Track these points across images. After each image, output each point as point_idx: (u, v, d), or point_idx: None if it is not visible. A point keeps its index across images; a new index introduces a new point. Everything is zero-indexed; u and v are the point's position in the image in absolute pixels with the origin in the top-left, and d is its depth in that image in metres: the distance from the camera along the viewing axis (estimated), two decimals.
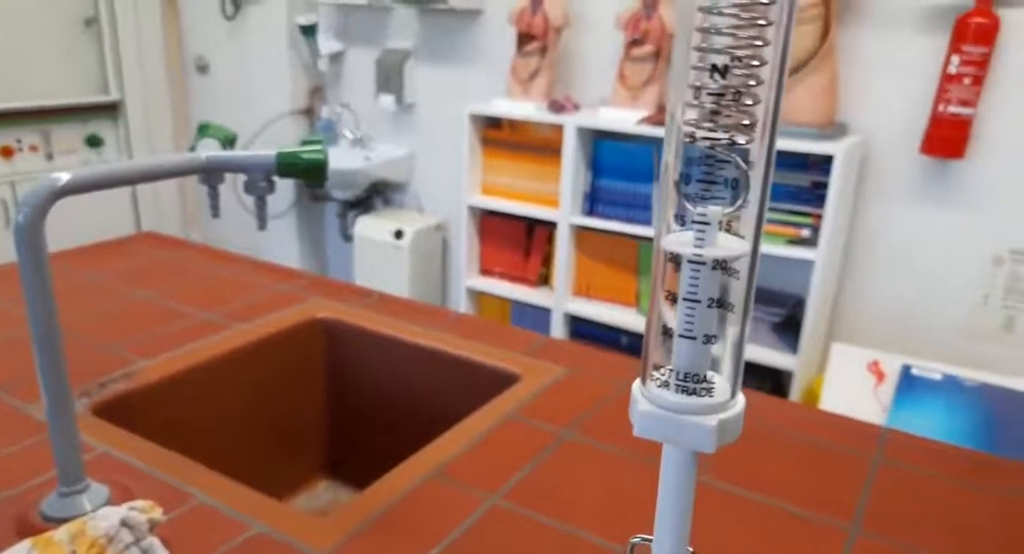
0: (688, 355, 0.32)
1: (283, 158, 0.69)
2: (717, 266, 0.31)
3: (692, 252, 0.31)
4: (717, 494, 0.72)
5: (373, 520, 0.67)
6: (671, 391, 0.33)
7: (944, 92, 1.84)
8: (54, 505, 0.65)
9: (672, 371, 0.33)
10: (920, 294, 2.04)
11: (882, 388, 1.80)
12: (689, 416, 0.32)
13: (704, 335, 0.32)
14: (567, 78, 2.44)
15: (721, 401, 0.33)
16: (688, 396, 0.32)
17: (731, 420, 0.33)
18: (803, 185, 1.96)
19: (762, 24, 0.28)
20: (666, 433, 0.33)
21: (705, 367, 0.32)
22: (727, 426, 0.32)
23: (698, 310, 0.31)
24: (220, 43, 3.09)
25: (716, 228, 0.31)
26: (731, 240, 0.31)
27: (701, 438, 0.32)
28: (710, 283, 0.31)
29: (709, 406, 0.32)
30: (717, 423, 0.32)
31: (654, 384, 0.33)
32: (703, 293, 0.31)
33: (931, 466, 0.78)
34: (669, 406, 0.33)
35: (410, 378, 1.07)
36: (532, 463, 0.76)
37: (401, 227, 2.68)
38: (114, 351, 0.97)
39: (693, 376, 0.32)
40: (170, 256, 1.35)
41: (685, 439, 0.33)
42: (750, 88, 0.29)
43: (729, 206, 0.30)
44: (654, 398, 0.33)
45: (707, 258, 0.31)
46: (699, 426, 0.32)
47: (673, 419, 0.33)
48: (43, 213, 0.58)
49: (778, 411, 0.88)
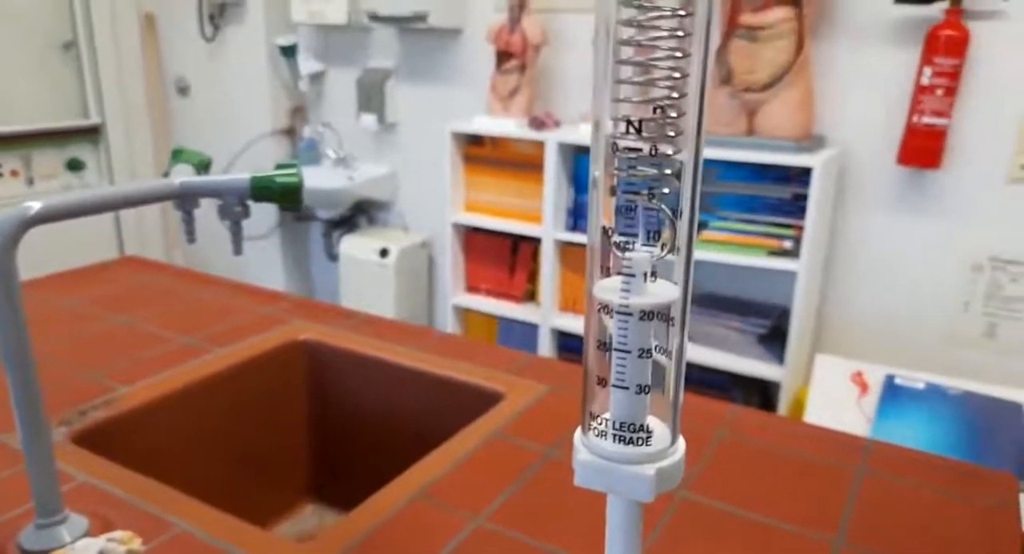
0: (623, 405, 0.32)
1: (257, 182, 0.69)
2: (646, 317, 0.30)
3: (619, 301, 0.30)
4: (701, 510, 0.72)
5: (358, 544, 0.66)
6: (609, 440, 0.32)
7: (918, 103, 1.87)
8: (31, 537, 0.64)
9: (609, 420, 0.32)
10: (901, 303, 2.06)
11: (866, 399, 1.81)
12: (627, 466, 0.32)
13: (637, 385, 0.31)
14: (547, 95, 2.46)
15: (660, 449, 0.32)
16: (626, 445, 0.32)
17: (670, 468, 0.32)
18: (784, 197, 1.98)
19: (679, 36, 0.27)
20: (606, 483, 0.33)
21: (641, 416, 0.32)
22: (666, 474, 0.32)
23: (629, 360, 0.31)
24: (200, 65, 3.08)
25: (643, 277, 0.30)
26: (662, 286, 0.31)
27: (639, 487, 0.32)
28: (640, 334, 0.31)
29: (647, 454, 0.32)
30: (655, 472, 0.31)
31: (593, 433, 0.33)
32: (633, 344, 0.31)
33: (915, 477, 0.78)
34: (607, 455, 0.32)
35: (394, 399, 1.06)
36: (516, 483, 0.76)
37: (386, 245, 2.67)
38: (94, 378, 0.96)
39: (629, 425, 0.32)
40: (151, 280, 1.34)
41: (624, 488, 0.32)
42: (674, 101, 0.28)
43: (657, 253, 0.30)
44: (593, 447, 0.33)
45: (634, 308, 0.30)
46: (637, 475, 0.32)
47: (612, 468, 0.32)
48: (13, 243, 0.57)
49: (762, 425, 0.89)
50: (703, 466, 0.79)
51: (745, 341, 2.11)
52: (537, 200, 2.32)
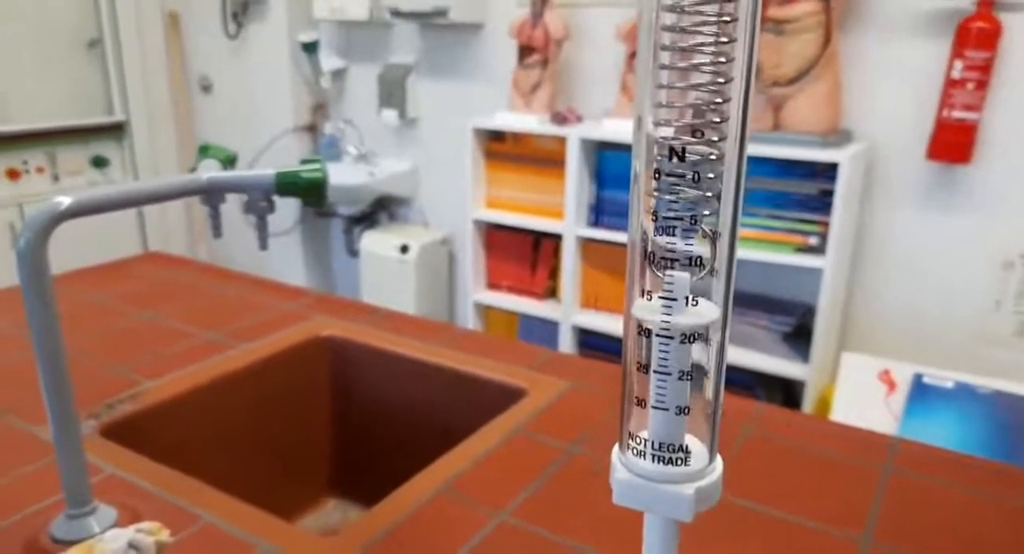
0: (662, 426, 0.32)
1: (282, 177, 0.70)
2: (686, 339, 0.30)
3: (660, 323, 0.30)
4: (726, 507, 0.71)
5: (380, 538, 0.67)
6: (647, 460, 0.32)
7: (948, 97, 1.84)
8: (62, 527, 0.64)
9: (648, 440, 0.32)
10: (930, 301, 2.03)
11: (893, 397, 1.78)
12: (666, 485, 0.32)
13: (676, 407, 0.31)
14: (569, 90, 2.45)
15: (698, 469, 0.32)
16: (664, 465, 0.32)
17: (708, 487, 0.32)
18: (810, 193, 1.96)
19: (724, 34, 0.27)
20: (644, 501, 0.33)
21: (680, 437, 0.32)
22: (704, 493, 0.32)
23: (669, 383, 0.31)
24: (223, 62, 3.11)
25: (683, 298, 0.30)
26: (702, 307, 0.31)
27: (678, 507, 0.32)
28: (680, 356, 0.31)
29: (686, 474, 0.32)
30: (694, 492, 0.32)
31: (631, 452, 0.33)
32: (673, 366, 0.31)
33: (943, 475, 0.77)
34: (646, 474, 0.32)
35: (416, 394, 1.07)
36: (539, 479, 0.75)
37: (407, 242, 2.68)
38: (120, 372, 0.97)
39: (668, 446, 0.32)
40: (175, 276, 1.35)
41: (662, 507, 0.32)
42: (720, 87, 0.28)
43: (697, 273, 0.30)
44: (631, 466, 0.33)
45: (675, 331, 0.30)
46: (676, 495, 0.32)
47: (650, 488, 0.32)
48: (45, 237, 0.58)
49: (788, 423, 0.88)
50: (727, 464, 0.78)
51: (770, 339, 2.09)
52: (559, 196, 2.31)
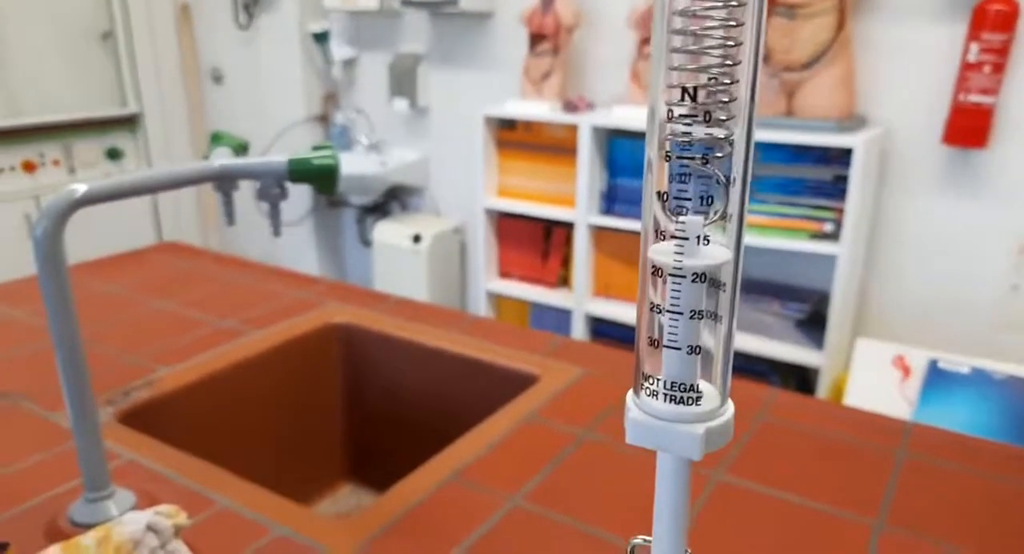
0: (675, 365, 0.33)
1: (295, 164, 0.70)
2: (698, 279, 0.32)
3: (672, 263, 0.32)
4: (742, 492, 0.71)
5: (394, 523, 0.67)
6: (660, 400, 0.34)
7: (964, 81, 1.81)
8: (81, 511, 0.65)
9: (661, 381, 0.33)
10: (946, 286, 2.01)
11: (908, 383, 1.77)
12: (678, 424, 0.33)
13: (688, 346, 0.33)
14: (580, 77, 2.43)
15: (709, 409, 0.33)
16: (676, 405, 0.33)
17: (719, 428, 0.33)
18: (825, 179, 1.94)
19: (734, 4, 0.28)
20: (656, 441, 0.34)
21: (692, 377, 0.33)
22: (714, 434, 0.33)
23: (681, 322, 0.32)
24: (234, 53, 3.12)
25: (696, 239, 0.32)
26: (714, 249, 0.32)
27: (689, 445, 0.33)
28: (692, 295, 0.32)
29: (697, 414, 0.33)
30: (704, 431, 0.33)
31: (645, 393, 0.34)
32: (685, 305, 0.32)
33: (958, 460, 0.76)
34: (659, 414, 0.34)
35: (428, 381, 1.07)
36: (551, 464, 0.76)
37: (419, 231, 2.69)
38: (137, 360, 0.98)
39: (680, 385, 0.33)
40: (188, 265, 1.36)
41: (674, 446, 0.34)
42: (727, 69, 0.29)
43: (709, 217, 0.31)
44: (645, 407, 0.34)
45: (686, 270, 0.32)
46: (687, 434, 0.33)
47: (663, 427, 0.33)
48: (61, 225, 0.59)
49: (801, 408, 0.87)
50: (741, 448, 0.78)
51: (784, 326, 2.08)
52: (570, 184, 2.30)
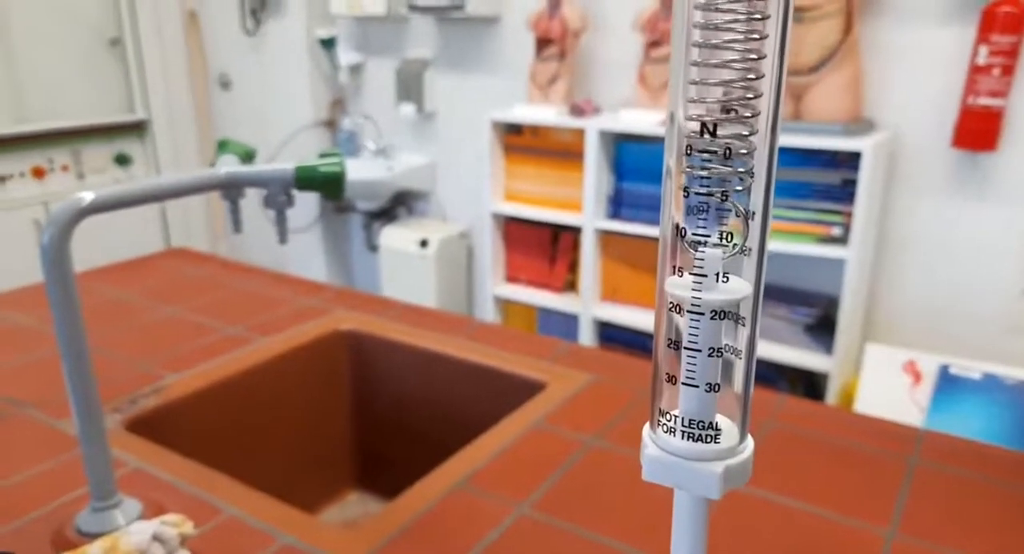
0: (693, 402, 0.32)
1: (301, 172, 0.70)
2: (717, 316, 0.31)
3: (692, 299, 0.31)
4: (751, 500, 0.70)
5: (401, 532, 0.67)
6: (678, 437, 0.33)
7: (973, 83, 1.80)
8: (88, 520, 0.65)
9: (678, 418, 0.33)
10: (955, 291, 2.00)
11: (919, 389, 1.76)
12: (696, 462, 0.32)
13: (707, 384, 0.32)
14: (587, 81, 2.43)
15: (729, 446, 0.32)
16: (694, 442, 0.32)
17: (738, 466, 0.32)
18: (833, 183, 1.93)
19: (757, 19, 0.27)
20: (674, 478, 0.33)
21: (711, 414, 0.32)
22: (734, 472, 0.32)
23: (699, 359, 0.31)
24: (242, 59, 3.13)
25: (715, 276, 0.31)
26: (734, 283, 0.31)
27: (707, 484, 0.32)
28: (711, 333, 0.31)
29: (716, 452, 0.32)
30: (723, 470, 0.32)
31: (662, 429, 0.33)
32: (704, 343, 0.31)
33: (970, 468, 0.75)
34: (676, 451, 0.33)
35: (435, 388, 1.07)
36: (559, 472, 0.75)
37: (426, 236, 2.69)
38: (144, 367, 0.99)
39: (698, 423, 0.32)
40: (196, 272, 1.36)
41: (692, 484, 0.33)
42: (748, 98, 0.28)
43: (728, 251, 0.30)
44: (662, 443, 0.33)
45: (705, 307, 0.31)
46: (705, 472, 0.32)
47: (680, 465, 0.33)
48: (68, 233, 0.59)
49: (811, 415, 0.87)
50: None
51: (792, 331, 2.07)
52: (577, 189, 2.30)
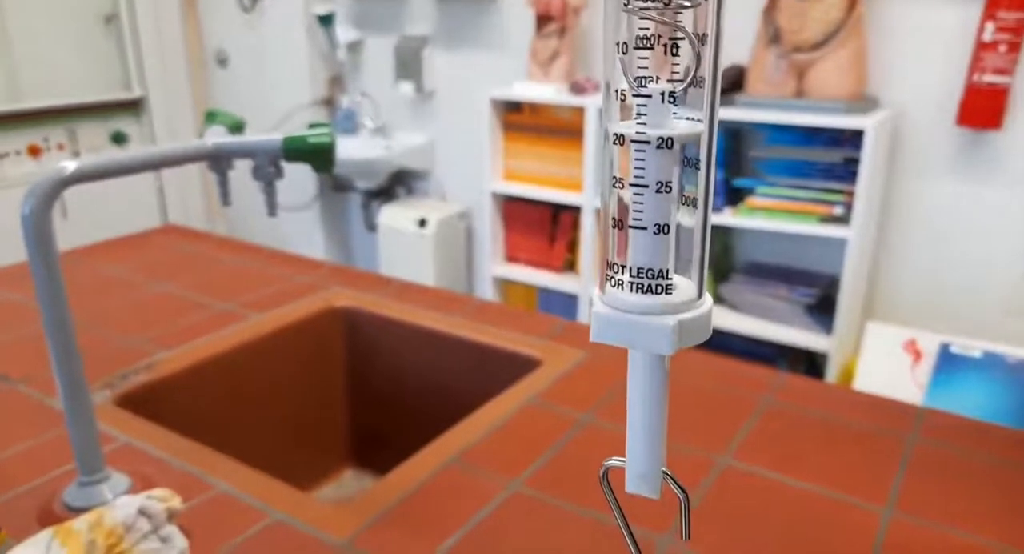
0: (642, 249, 0.29)
1: (289, 142, 0.68)
2: (663, 144, 0.28)
3: (635, 129, 0.28)
4: (749, 477, 0.70)
5: (393, 507, 0.66)
6: (627, 291, 0.30)
7: (979, 61, 1.77)
8: (75, 495, 0.65)
9: (627, 268, 0.30)
10: (958, 270, 1.98)
11: (919, 367, 1.75)
12: (647, 317, 0.29)
13: (656, 225, 0.29)
14: (587, 59, 2.40)
15: (683, 300, 0.30)
16: (645, 295, 0.30)
17: (694, 320, 0.29)
18: (835, 161, 1.91)
19: None
20: (624, 336, 0.30)
21: (662, 262, 0.29)
22: (689, 327, 0.29)
23: (647, 196, 0.29)
24: (239, 36, 3.09)
25: (662, 107, 0.28)
26: (684, 122, 0.29)
27: (659, 339, 0.29)
28: (658, 165, 0.29)
29: (669, 305, 0.29)
30: (676, 323, 0.29)
31: (610, 284, 0.31)
32: (650, 177, 0.29)
33: (970, 446, 0.74)
34: (626, 307, 0.30)
35: (431, 365, 1.06)
36: (553, 449, 0.74)
37: (424, 215, 2.67)
38: (135, 343, 0.98)
39: (648, 271, 0.29)
40: (190, 249, 1.35)
41: (643, 341, 0.30)
42: None
43: (678, 83, 0.28)
44: (610, 300, 0.30)
45: (651, 135, 0.28)
46: (657, 326, 0.29)
47: (630, 321, 0.30)
48: (50, 203, 0.57)
49: (810, 392, 0.86)
50: (747, 432, 0.76)
51: (792, 311, 2.06)
52: (578, 168, 2.28)
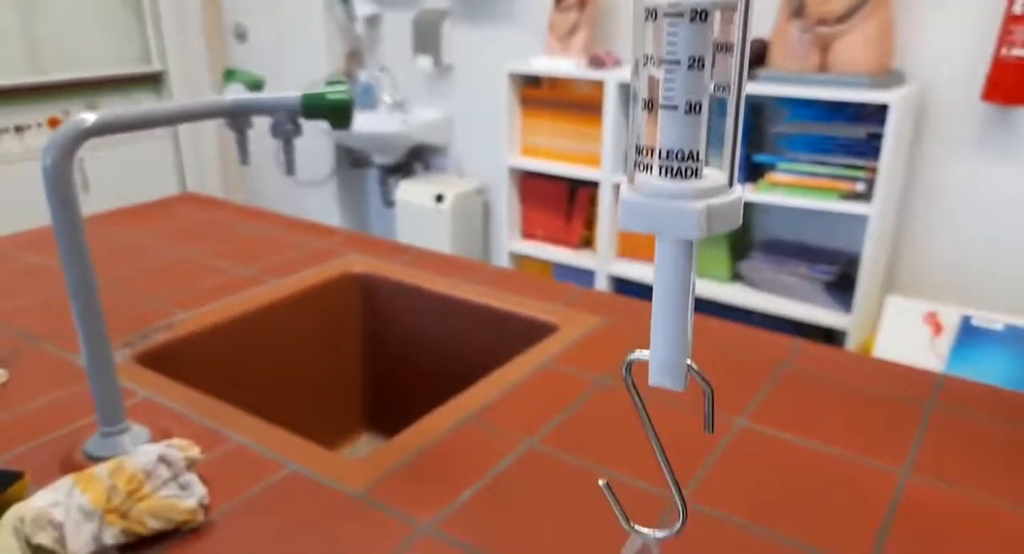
0: (672, 130, 0.29)
1: (308, 99, 0.68)
2: (698, 17, 0.28)
3: (667, 3, 0.28)
4: (766, 439, 0.69)
5: (409, 462, 0.67)
6: (656, 175, 0.30)
7: (1008, 34, 1.73)
8: (96, 445, 0.66)
9: (657, 151, 0.30)
10: (981, 248, 1.95)
11: (940, 340, 1.73)
12: (675, 201, 0.29)
13: (687, 103, 0.28)
14: (607, 33, 2.38)
15: (713, 186, 0.29)
16: (674, 179, 0.29)
17: (723, 206, 0.29)
18: (858, 137, 1.88)
19: None
20: (651, 222, 0.30)
21: (692, 143, 0.29)
22: (718, 212, 0.29)
23: (678, 73, 0.28)
24: (258, 10, 3.09)
25: None
26: None
27: (687, 224, 0.29)
28: (691, 39, 0.28)
29: (698, 190, 0.29)
30: (705, 207, 0.29)
31: (639, 170, 0.30)
32: (682, 51, 0.28)
33: (989, 412, 0.74)
34: (655, 191, 0.30)
35: (447, 331, 1.06)
36: (569, 409, 0.74)
37: (442, 191, 2.67)
38: (155, 304, 0.99)
39: (678, 153, 0.29)
40: (209, 216, 1.36)
41: (671, 227, 0.30)
42: None
43: None
44: (639, 186, 0.30)
45: (684, 7, 0.28)
46: (685, 211, 0.29)
47: (658, 206, 0.29)
48: (70, 154, 0.58)
49: (828, 358, 0.85)
50: (764, 396, 0.76)
51: (811, 288, 2.04)
52: (596, 143, 2.26)
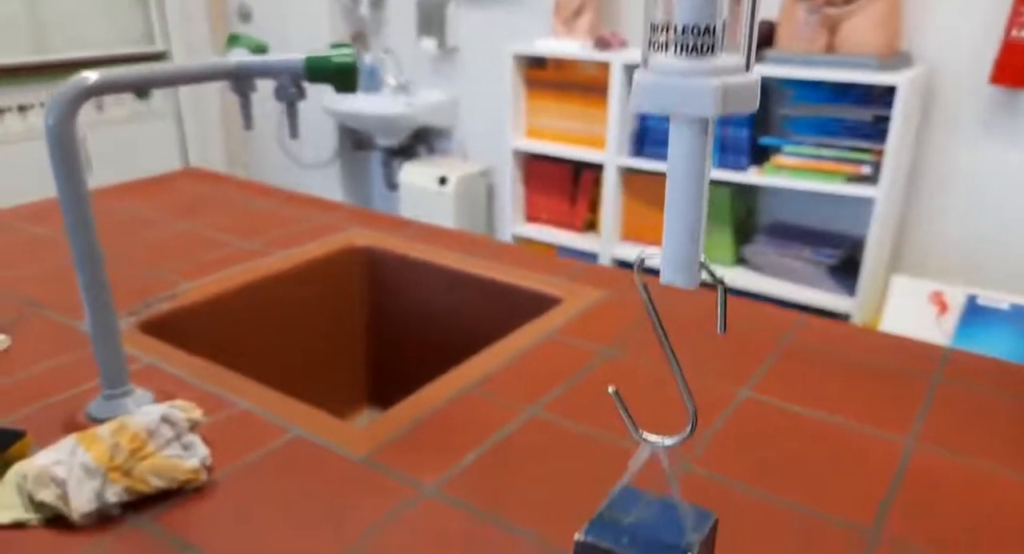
0: (688, 3, 0.28)
1: (312, 62, 0.68)
2: None
3: None
4: (770, 408, 0.69)
5: (412, 427, 0.67)
6: (672, 53, 0.29)
7: (1017, 16, 1.72)
8: (100, 406, 0.66)
9: (672, 27, 0.29)
10: (986, 232, 1.94)
11: (945, 318, 1.72)
12: (691, 78, 0.28)
13: None
14: (613, 14, 2.36)
15: (730, 65, 0.28)
16: (690, 57, 0.28)
17: (739, 85, 0.28)
18: (865, 119, 1.87)
19: None
20: (665, 102, 0.29)
21: (709, 17, 0.28)
22: (734, 91, 0.28)
23: None
24: None
25: None
26: None
27: (702, 101, 0.28)
28: None
29: (714, 68, 0.28)
30: (721, 84, 0.28)
31: (654, 49, 0.29)
32: None
33: (995, 384, 0.73)
34: (669, 70, 0.29)
35: (450, 304, 1.06)
36: (572, 379, 0.74)
37: (445, 174, 2.66)
38: (159, 276, 0.99)
39: (694, 28, 0.28)
40: (213, 190, 1.36)
41: (686, 105, 0.28)
42: None
43: None
44: (654, 67, 0.29)
45: None
46: (701, 88, 0.28)
47: (673, 85, 0.28)
48: (73, 112, 0.57)
49: (833, 332, 0.85)
50: (768, 368, 0.76)
51: (815, 272, 2.03)
52: (601, 125, 2.25)
